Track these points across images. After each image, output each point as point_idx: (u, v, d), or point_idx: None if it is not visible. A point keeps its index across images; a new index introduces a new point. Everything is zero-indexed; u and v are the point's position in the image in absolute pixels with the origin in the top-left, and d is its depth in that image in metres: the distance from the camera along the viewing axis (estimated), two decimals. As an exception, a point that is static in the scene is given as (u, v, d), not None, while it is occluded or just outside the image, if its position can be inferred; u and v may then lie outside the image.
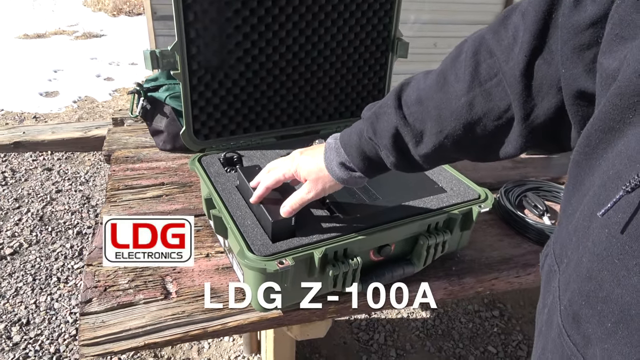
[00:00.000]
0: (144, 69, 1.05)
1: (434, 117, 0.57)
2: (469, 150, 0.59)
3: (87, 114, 3.35)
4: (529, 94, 0.48)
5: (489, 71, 0.52)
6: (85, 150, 2.84)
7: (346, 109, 1.18)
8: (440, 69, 0.59)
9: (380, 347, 1.81)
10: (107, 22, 5.26)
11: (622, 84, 0.33)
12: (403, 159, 0.63)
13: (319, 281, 0.81)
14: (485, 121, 0.53)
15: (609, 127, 0.35)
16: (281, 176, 0.76)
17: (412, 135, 0.59)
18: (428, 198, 0.92)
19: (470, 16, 3.25)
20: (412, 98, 0.59)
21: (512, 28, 0.50)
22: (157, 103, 1.27)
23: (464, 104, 0.54)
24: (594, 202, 0.36)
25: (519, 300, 2.12)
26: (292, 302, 0.83)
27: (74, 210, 2.36)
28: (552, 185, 1.26)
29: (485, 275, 0.98)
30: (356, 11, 1.07)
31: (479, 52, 0.54)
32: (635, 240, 0.32)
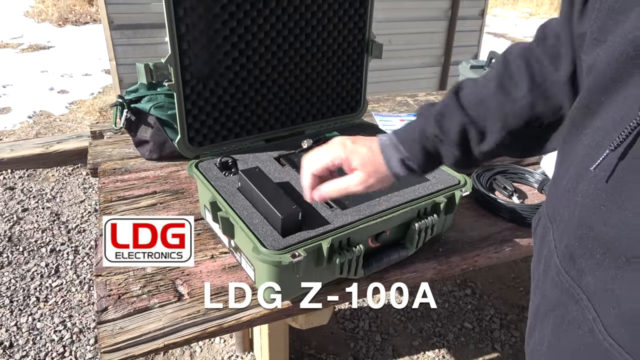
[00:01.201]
0: (98, 80, 1.07)
1: (497, 115, 0.65)
2: (522, 145, 0.68)
3: (45, 129, 3.25)
4: (575, 94, 0.59)
5: (542, 77, 0.63)
6: (48, 166, 2.77)
7: (328, 109, 1.25)
8: (494, 75, 0.68)
9: (365, 334, 1.90)
10: (53, 32, 5.08)
11: (610, 51, 0.42)
12: (464, 155, 0.69)
13: (325, 270, 0.87)
14: (542, 119, 0.63)
15: (591, 103, 0.46)
16: (329, 162, 0.72)
17: (477, 132, 0.67)
18: (414, 187, 1.00)
19: (420, 13, 3.39)
20: (472, 100, 0.67)
21: (552, 40, 0.62)
22: (141, 114, 1.29)
23: (526, 104, 0.63)
24: (582, 166, 0.47)
25: (488, 278, 2.26)
26: (302, 292, 0.89)
27: (44, 228, 2.31)
28: (517, 167, 1.37)
29: (468, 253, 1.08)
30: (333, 17, 1.14)
31: (530, 61, 0.64)
32: (616, 189, 0.42)
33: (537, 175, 1.33)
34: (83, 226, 2.36)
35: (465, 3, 3.44)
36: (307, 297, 0.90)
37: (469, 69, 1.67)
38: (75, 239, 2.27)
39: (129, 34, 2.71)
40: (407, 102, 1.93)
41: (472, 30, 3.61)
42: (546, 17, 8.52)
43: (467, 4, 3.47)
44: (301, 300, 0.91)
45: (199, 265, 0.97)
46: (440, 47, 3.56)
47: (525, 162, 1.49)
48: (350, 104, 1.28)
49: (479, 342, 1.91)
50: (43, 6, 5.86)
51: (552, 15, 8.53)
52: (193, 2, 0.94)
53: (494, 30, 7.16)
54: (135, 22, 2.69)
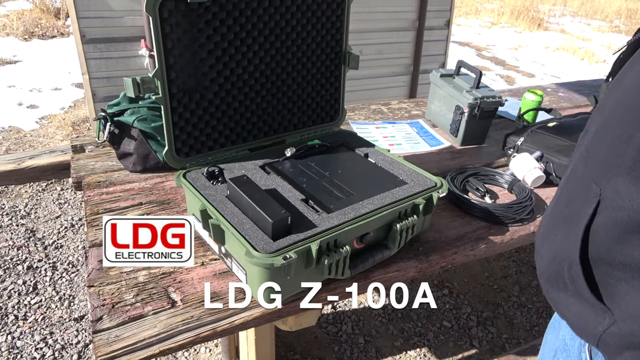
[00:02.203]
0: (68, 94, 1.09)
1: None
2: None
3: (16, 145, 3.18)
4: None
5: None
6: (21, 183, 2.72)
7: (308, 118, 1.30)
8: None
9: (349, 337, 1.94)
10: (19, 47, 4.97)
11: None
12: None
13: (314, 272, 0.92)
14: None
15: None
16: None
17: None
18: (395, 190, 1.06)
19: (389, 24, 3.50)
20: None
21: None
22: (124, 127, 1.31)
23: None
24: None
25: (464, 278, 2.34)
26: (293, 294, 0.93)
27: (20, 245, 2.27)
28: (488, 169, 1.45)
29: (446, 251, 1.14)
30: (311, 30, 1.19)
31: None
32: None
33: (506, 176, 1.41)
34: (60, 242, 2.33)
35: (431, 14, 3.56)
36: (307, 297, 0.94)
37: (439, 78, 1.75)
38: (53, 255, 2.24)
39: (101, 47, 2.70)
40: (382, 110, 2.00)
41: (439, 40, 3.74)
42: (507, 26, 8.86)
43: (434, 15, 3.59)
44: (292, 302, 0.95)
45: (190, 272, 1.00)
46: (409, 56, 3.67)
47: (495, 164, 1.57)
48: (330, 113, 1.34)
49: (458, 339, 1.98)
50: (7, 20, 5.73)
51: (512, 25, 8.87)
52: (179, 18, 0.98)
53: (459, 39, 7.39)
54: (108, 36, 2.68)
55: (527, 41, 7.89)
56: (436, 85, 1.79)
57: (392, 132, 1.75)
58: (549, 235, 0.69)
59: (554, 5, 11.21)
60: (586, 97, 2.35)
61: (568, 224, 0.63)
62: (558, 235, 0.66)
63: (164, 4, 0.93)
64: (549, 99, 2.30)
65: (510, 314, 2.12)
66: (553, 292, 0.66)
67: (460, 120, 1.65)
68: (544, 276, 0.68)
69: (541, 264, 0.70)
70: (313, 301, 0.95)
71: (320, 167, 1.14)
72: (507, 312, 2.14)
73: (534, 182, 1.39)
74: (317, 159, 1.18)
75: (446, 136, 1.75)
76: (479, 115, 1.60)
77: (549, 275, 0.67)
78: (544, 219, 0.74)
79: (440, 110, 1.78)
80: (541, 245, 0.72)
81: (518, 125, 1.84)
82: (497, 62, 6.43)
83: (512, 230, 1.23)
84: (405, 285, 1.07)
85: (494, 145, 1.71)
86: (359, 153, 1.23)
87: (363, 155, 1.22)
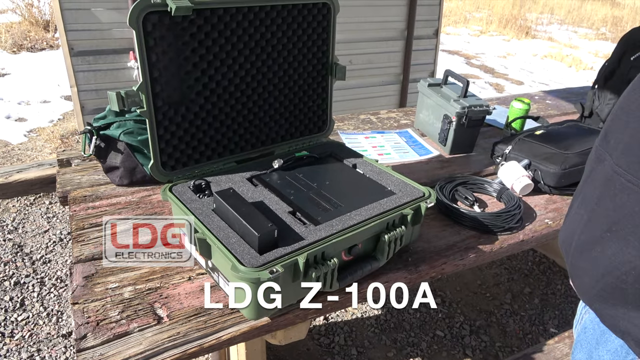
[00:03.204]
0: (57, 106, 1.09)
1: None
2: None
3: (3, 159, 3.15)
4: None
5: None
6: (8, 197, 2.68)
7: (295, 130, 1.30)
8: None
9: (341, 348, 1.92)
10: (7, 60, 4.94)
11: None
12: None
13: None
14: None
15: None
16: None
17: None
18: (382, 200, 1.06)
19: (378, 34, 3.52)
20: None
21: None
22: (110, 140, 1.30)
23: None
24: None
25: (456, 286, 2.34)
26: (284, 305, 0.92)
27: (7, 261, 2.23)
28: (476, 178, 1.46)
29: (436, 261, 1.13)
30: (297, 42, 1.19)
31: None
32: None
33: (495, 185, 1.42)
34: (48, 257, 2.30)
35: (420, 23, 3.59)
36: (307, 297, 0.93)
37: (427, 87, 1.76)
38: (41, 270, 2.20)
39: (90, 60, 2.69)
40: (371, 119, 2.01)
41: (428, 49, 3.77)
42: (495, 34, 8.96)
43: (422, 24, 3.62)
44: (282, 313, 0.93)
45: (177, 287, 0.99)
46: (398, 65, 3.70)
47: (483, 173, 1.57)
48: (318, 124, 1.33)
49: (451, 348, 1.97)
50: (-5, 33, 5.70)
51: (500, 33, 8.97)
52: (163, 32, 0.97)
53: (448, 48, 7.46)
54: (97, 48, 2.68)
55: (515, 49, 7.98)
56: (424, 95, 1.79)
57: (381, 142, 1.75)
58: (589, 252, 0.67)
59: (542, 13, 11.37)
60: (573, 104, 2.38)
61: (616, 235, 0.61)
62: (607, 249, 0.63)
63: (147, 17, 0.93)
64: (536, 106, 2.32)
65: (503, 322, 2.12)
66: (608, 309, 0.64)
67: (449, 130, 1.65)
68: (592, 294, 0.66)
69: (585, 283, 0.68)
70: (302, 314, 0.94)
71: (308, 179, 1.14)
72: (499, 320, 2.13)
73: (522, 190, 1.40)
74: (305, 171, 1.18)
75: (435, 145, 1.75)
76: (466, 124, 1.60)
77: (599, 291, 0.65)
78: (574, 240, 0.71)
79: (429, 120, 1.79)
80: (579, 267, 0.69)
81: (506, 134, 1.85)
82: (486, 70, 6.49)
83: (502, 239, 1.23)
84: (405, 285, 1.06)
85: (483, 153, 1.71)
86: (347, 164, 1.23)
87: (351, 166, 1.22)
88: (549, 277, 2.43)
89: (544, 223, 1.31)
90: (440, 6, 3.65)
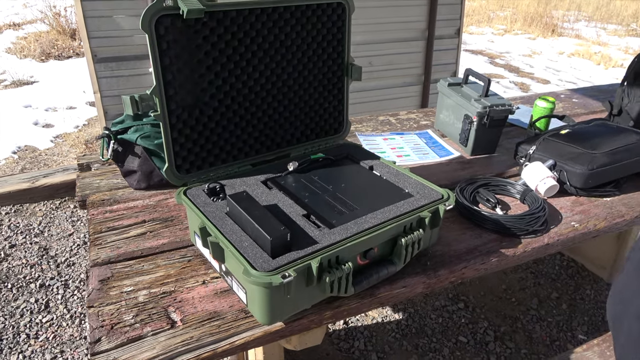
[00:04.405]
0: (82, 112, 1.10)
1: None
2: None
3: (31, 164, 3.23)
4: None
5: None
6: (35, 201, 2.75)
7: (311, 132, 1.28)
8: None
9: (361, 353, 1.89)
10: (36, 68, 5.09)
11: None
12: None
13: (316, 289, 0.89)
14: None
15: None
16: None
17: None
18: (399, 203, 1.03)
19: (399, 34, 3.48)
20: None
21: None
22: (128, 144, 1.31)
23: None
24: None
25: (480, 291, 2.28)
26: (294, 312, 0.90)
27: (33, 264, 2.29)
28: (499, 180, 1.41)
29: (455, 266, 1.10)
30: (312, 43, 1.18)
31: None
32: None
33: (518, 186, 1.37)
34: (72, 259, 2.34)
35: (441, 23, 3.54)
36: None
37: (446, 87, 1.72)
38: (65, 273, 2.24)
39: (112, 66, 2.74)
40: (390, 121, 1.98)
41: (450, 49, 3.71)
42: (520, 32, 8.78)
43: (443, 24, 3.57)
44: (296, 318, 0.92)
45: (191, 291, 0.98)
46: (419, 66, 3.65)
47: (506, 174, 1.53)
48: (334, 126, 1.31)
49: (475, 355, 1.91)
50: (25, 42, 5.88)
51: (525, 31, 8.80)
52: (176, 35, 0.97)
53: (472, 48, 7.34)
54: (119, 55, 2.72)
55: (541, 47, 7.80)
56: (444, 95, 1.76)
57: (400, 143, 1.72)
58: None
59: (568, 10, 11.10)
60: (601, 102, 2.29)
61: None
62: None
63: (159, 21, 0.93)
64: (562, 105, 2.25)
65: (529, 328, 2.05)
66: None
67: (470, 130, 1.61)
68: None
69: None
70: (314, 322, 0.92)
71: (323, 181, 1.12)
72: (525, 326, 2.06)
73: (547, 192, 1.35)
74: (320, 173, 1.16)
75: (456, 146, 1.71)
76: (488, 124, 1.56)
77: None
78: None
79: (449, 120, 1.75)
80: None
81: (530, 134, 1.80)
82: (511, 69, 6.36)
83: (525, 243, 1.18)
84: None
85: (505, 154, 1.66)
86: (363, 166, 1.21)
87: (368, 168, 1.20)
88: (578, 282, 2.35)
89: (570, 226, 1.26)
90: (461, 5, 3.59)
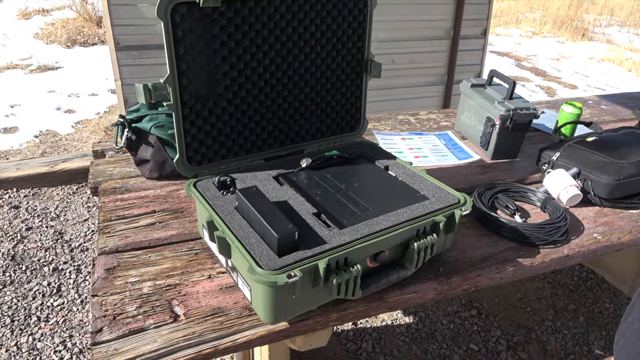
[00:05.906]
0: (104, 99, 1.09)
1: None
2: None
3: (51, 148, 3.28)
4: None
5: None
6: (53, 185, 2.79)
7: (327, 128, 1.25)
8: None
9: (369, 355, 1.86)
10: (61, 53, 5.17)
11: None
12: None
13: (322, 291, 0.86)
14: None
15: None
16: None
17: None
18: (414, 206, 0.99)
19: (423, 33, 3.42)
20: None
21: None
22: (142, 133, 1.30)
23: None
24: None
25: (494, 299, 2.22)
26: (299, 313, 0.87)
27: (47, 247, 2.31)
28: (519, 186, 1.36)
29: (469, 273, 1.06)
30: (332, 37, 1.15)
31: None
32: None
33: (539, 194, 1.32)
34: (86, 245, 2.36)
35: (467, 22, 3.46)
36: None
37: (469, 88, 1.67)
38: (78, 258, 2.26)
39: (134, 54, 2.74)
40: (409, 120, 1.93)
41: (475, 49, 3.63)
42: (549, 35, 8.58)
43: (470, 24, 3.49)
44: (301, 319, 0.89)
45: (196, 285, 0.96)
46: (443, 66, 3.58)
47: (527, 181, 1.47)
48: (350, 123, 1.28)
49: (485, 364, 1.87)
50: (52, 28, 5.97)
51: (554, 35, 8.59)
52: (192, 24, 0.95)
53: (498, 49, 7.20)
54: (141, 43, 2.73)
55: (570, 52, 7.61)
56: (466, 96, 1.71)
57: (419, 144, 1.68)
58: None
59: (600, 14, 10.80)
60: (631, 110, 2.21)
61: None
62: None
63: (175, 9, 0.91)
64: (590, 111, 2.17)
65: (543, 339, 1.99)
66: None
67: (491, 133, 1.56)
68: None
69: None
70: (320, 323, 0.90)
71: (336, 180, 1.09)
72: (539, 337, 2.01)
73: (569, 201, 1.30)
74: (333, 171, 1.13)
75: (476, 149, 1.66)
76: (511, 127, 1.51)
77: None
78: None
79: (471, 122, 1.70)
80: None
81: (554, 139, 1.74)
82: (538, 72, 6.21)
83: (544, 253, 1.14)
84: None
85: (528, 159, 1.61)
86: (378, 165, 1.17)
87: (383, 168, 1.16)
88: (596, 295, 2.27)
89: (592, 238, 1.20)
90: (489, 5, 3.50)
